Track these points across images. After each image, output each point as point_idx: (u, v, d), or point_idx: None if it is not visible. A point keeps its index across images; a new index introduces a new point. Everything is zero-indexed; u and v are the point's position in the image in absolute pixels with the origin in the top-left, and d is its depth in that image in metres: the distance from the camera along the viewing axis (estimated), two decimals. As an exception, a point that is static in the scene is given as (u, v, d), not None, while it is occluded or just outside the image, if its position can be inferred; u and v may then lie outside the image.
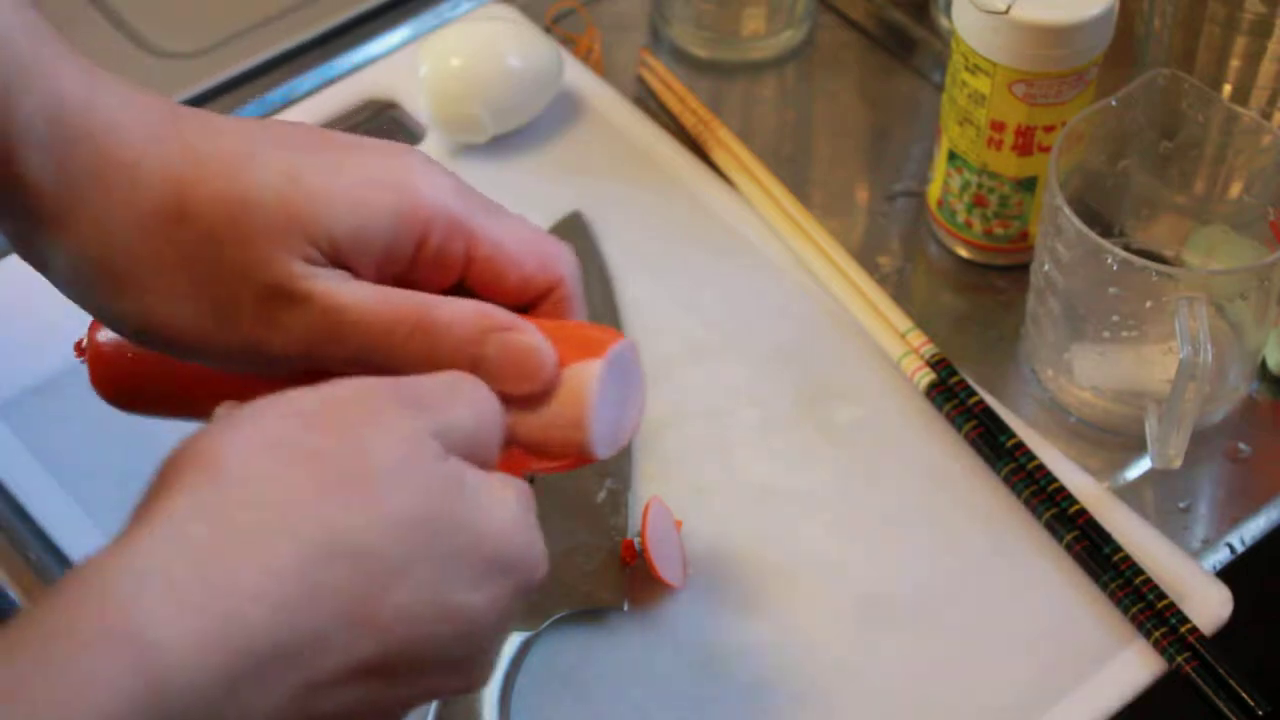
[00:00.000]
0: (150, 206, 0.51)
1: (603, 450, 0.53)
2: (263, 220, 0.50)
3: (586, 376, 0.52)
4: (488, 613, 0.47)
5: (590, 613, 0.66)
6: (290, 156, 0.52)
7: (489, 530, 0.47)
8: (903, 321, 0.74)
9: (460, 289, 0.54)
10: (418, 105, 0.83)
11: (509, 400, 0.51)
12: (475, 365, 0.51)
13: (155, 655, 0.40)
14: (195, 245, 0.51)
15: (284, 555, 0.43)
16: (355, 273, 0.52)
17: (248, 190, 0.51)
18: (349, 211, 0.51)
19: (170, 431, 0.56)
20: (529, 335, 0.52)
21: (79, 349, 0.58)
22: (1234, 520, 0.70)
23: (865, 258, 0.78)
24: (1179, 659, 0.64)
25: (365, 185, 0.52)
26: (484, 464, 0.49)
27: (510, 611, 0.48)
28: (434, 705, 0.61)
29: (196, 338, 0.51)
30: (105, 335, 0.57)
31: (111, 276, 0.51)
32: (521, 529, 0.48)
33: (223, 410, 0.48)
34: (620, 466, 0.70)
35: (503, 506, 0.47)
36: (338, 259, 0.51)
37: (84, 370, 0.57)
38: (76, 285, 0.52)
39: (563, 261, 0.55)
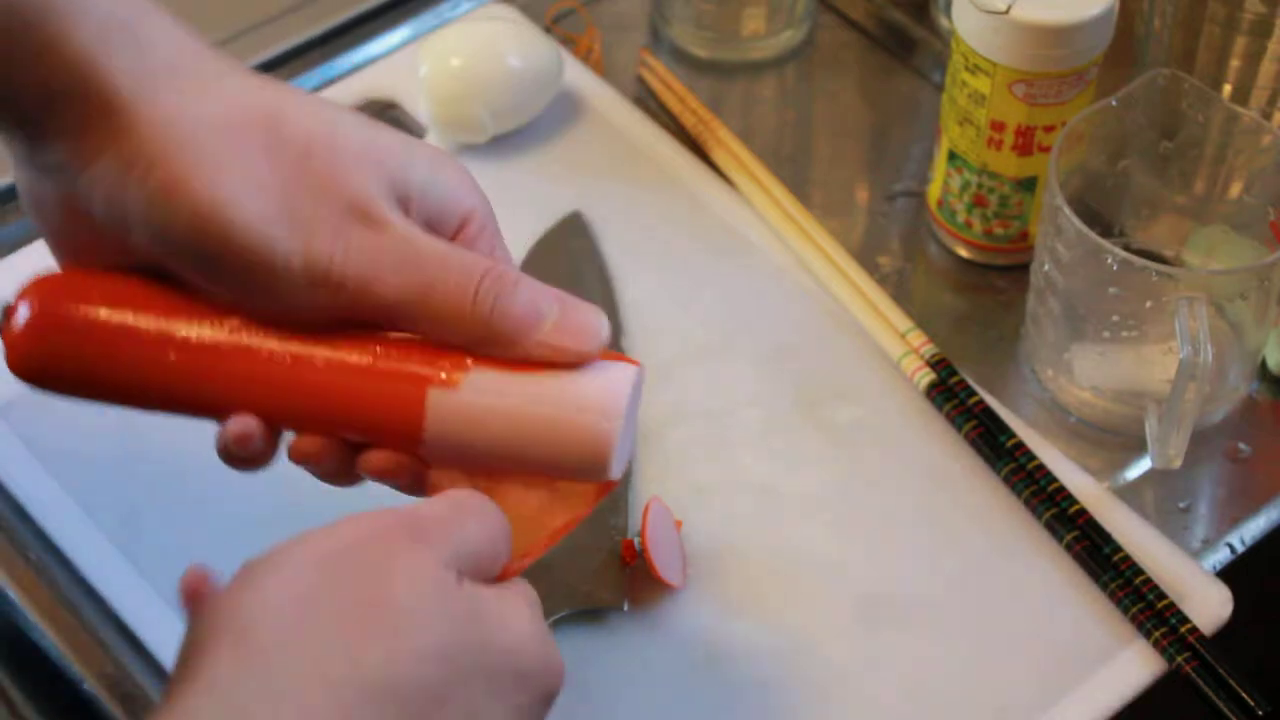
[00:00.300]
0: (237, 106, 0.51)
1: (618, 458, 0.53)
2: (351, 146, 0.52)
3: (623, 371, 0.53)
4: None
5: (590, 613, 0.66)
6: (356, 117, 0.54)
7: (511, 646, 0.48)
8: (903, 321, 0.74)
9: None
10: (418, 105, 0.83)
11: (558, 364, 0.52)
12: (539, 319, 0.52)
13: None
14: (282, 150, 0.51)
15: (321, 700, 0.44)
16: None
17: (335, 121, 0.53)
18: (423, 165, 0.53)
19: (170, 433, 0.56)
20: (587, 303, 0.53)
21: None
22: (1234, 520, 0.70)
23: (865, 258, 0.78)
24: (1179, 659, 0.64)
25: (431, 149, 0.54)
26: (495, 571, 0.51)
27: None
28: None
29: (254, 241, 0.50)
30: (25, 311, 0.53)
31: (177, 170, 0.50)
32: (539, 639, 0.49)
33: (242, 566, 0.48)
34: (620, 466, 0.70)
35: (519, 619, 0.49)
36: (405, 208, 0.53)
37: None
38: (117, 189, 0.51)
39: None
